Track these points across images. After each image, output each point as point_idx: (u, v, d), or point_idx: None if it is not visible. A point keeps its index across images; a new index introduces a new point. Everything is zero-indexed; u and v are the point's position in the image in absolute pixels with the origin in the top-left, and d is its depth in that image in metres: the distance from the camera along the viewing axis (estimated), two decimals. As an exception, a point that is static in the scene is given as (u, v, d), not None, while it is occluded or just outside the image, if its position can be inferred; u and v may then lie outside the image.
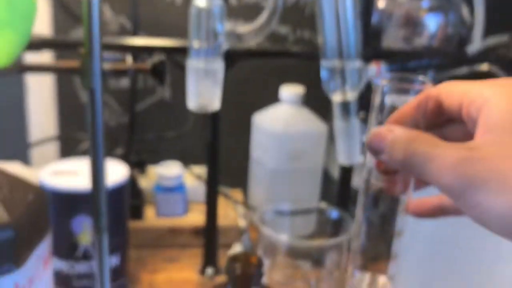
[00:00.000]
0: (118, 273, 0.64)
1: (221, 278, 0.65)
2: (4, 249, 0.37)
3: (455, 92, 0.30)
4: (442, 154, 0.27)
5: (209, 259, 0.73)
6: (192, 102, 0.41)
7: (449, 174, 0.26)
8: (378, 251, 0.40)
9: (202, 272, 0.73)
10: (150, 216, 0.81)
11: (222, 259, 0.75)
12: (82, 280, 0.61)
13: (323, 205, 0.65)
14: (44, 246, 0.42)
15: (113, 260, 0.63)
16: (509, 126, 0.26)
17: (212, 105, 0.41)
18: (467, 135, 0.29)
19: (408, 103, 0.32)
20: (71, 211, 0.59)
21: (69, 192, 0.58)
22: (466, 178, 0.26)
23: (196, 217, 0.82)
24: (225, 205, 0.87)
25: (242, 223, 0.82)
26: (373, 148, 0.31)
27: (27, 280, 0.40)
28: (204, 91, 0.39)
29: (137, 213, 0.79)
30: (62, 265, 0.61)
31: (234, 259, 0.43)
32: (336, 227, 0.65)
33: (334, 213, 0.64)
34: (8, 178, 0.42)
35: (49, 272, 0.43)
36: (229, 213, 0.84)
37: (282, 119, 0.79)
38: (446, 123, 0.32)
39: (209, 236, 0.73)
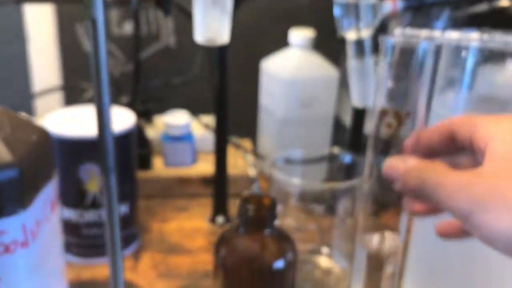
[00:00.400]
0: (127, 222, 0.63)
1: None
2: (9, 189, 0.36)
3: (466, 125, 0.33)
4: (451, 180, 0.30)
5: (219, 207, 0.72)
6: (199, 34, 0.38)
7: (457, 197, 0.29)
8: (389, 199, 0.38)
9: (212, 220, 0.72)
10: (159, 166, 0.80)
11: (232, 208, 0.74)
12: (92, 229, 0.60)
13: (336, 150, 0.63)
14: (51, 189, 0.41)
15: (122, 209, 0.62)
16: (511, 156, 0.29)
17: (221, 38, 0.38)
18: (478, 164, 0.31)
19: (427, 130, 0.35)
20: (78, 158, 0.57)
21: (75, 139, 0.56)
22: (472, 200, 0.28)
23: (205, 166, 0.81)
24: (234, 155, 0.86)
25: (252, 172, 0.80)
26: (387, 177, 0.35)
27: (35, 223, 0.39)
28: (212, 21, 0.37)
29: (145, 163, 0.78)
30: (71, 214, 0.60)
31: (246, 200, 0.42)
32: (349, 173, 0.63)
33: (347, 158, 0.62)
34: (10, 119, 0.40)
35: (56, 216, 0.42)
36: (239, 162, 0.83)
37: (291, 64, 0.77)
38: (459, 151, 0.35)
39: (219, 185, 0.71)
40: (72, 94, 0.88)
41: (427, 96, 0.37)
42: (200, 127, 0.84)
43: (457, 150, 0.35)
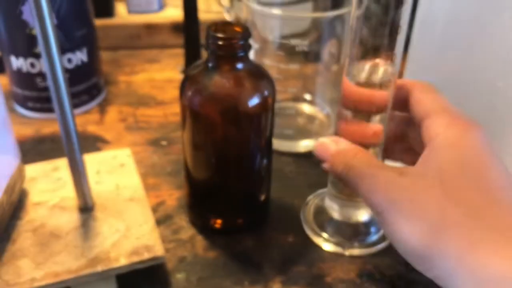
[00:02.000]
0: (88, 71, 0.56)
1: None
2: None
3: (423, 104, 0.33)
4: (374, 174, 0.30)
5: (192, 57, 0.65)
6: None
7: (376, 193, 0.30)
8: (378, 42, 0.32)
9: (185, 71, 0.66)
10: (122, 13, 0.71)
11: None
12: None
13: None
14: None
15: (79, 56, 0.55)
16: (439, 165, 0.29)
17: None
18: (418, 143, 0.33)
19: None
20: (19, -4, 0.49)
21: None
22: (388, 200, 0.29)
23: (174, 12, 0.72)
24: (207, -1, 0.76)
25: (228, 17, 0.72)
26: (317, 156, 0.35)
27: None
28: None
29: (106, 9, 0.69)
30: (21, 63, 0.53)
31: (214, 28, 0.35)
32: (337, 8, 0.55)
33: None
34: None
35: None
36: (212, 6, 0.74)
37: None
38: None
39: (190, 32, 0.64)
40: None
41: None
42: (166, -33, 0.74)
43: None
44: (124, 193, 0.42)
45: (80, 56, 0.54)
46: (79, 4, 0.53)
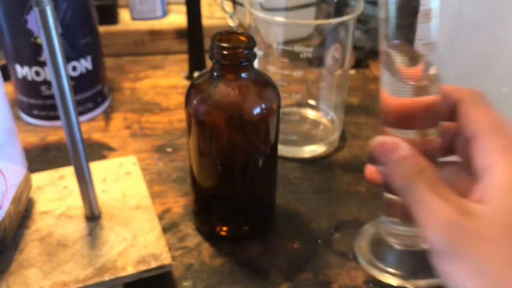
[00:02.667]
0: (92, 79, 0.57)
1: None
2: None
3: (472, 119, 0.29)
4: (436, 206, 0.26)
5: (197, 63, 0.65)
6: None
7: (435, 229, 0.26)
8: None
9: (190, 78, 0.66)
10: (126, 20, 0.72)
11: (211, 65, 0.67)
12: (52, 88, 0.54)
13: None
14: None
15: (84, 64, 0.55)
16: (505, 214, 0.26)
17: None
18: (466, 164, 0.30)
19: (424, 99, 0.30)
20: (23, 5, 0.49)
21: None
22: (447, 241, 0.26)
23: (178, 18, 0.72)
24: (210, 5, 0.77)
25: (231, 23, 0.72)
26: (376, 157, 0.30)
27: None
28: None
29: (110, 16, 0.69)
30: (26, 72, 0.53)
31: (219, 38, 0.35)
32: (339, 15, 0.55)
33: (336, -3, 0.54)
34: None
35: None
36: (215, 12, 0.74)
37: None
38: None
39: (194, 38, 0.64)
40: None
41: None
42: (170, -26, 0.74)
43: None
44: (131, 201, 0.42)
45: (84, 64, 0.55)
46: (83, 12, 0.53)
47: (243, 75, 0.36)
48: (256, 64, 0.37)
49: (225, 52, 0.34)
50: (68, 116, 0.35)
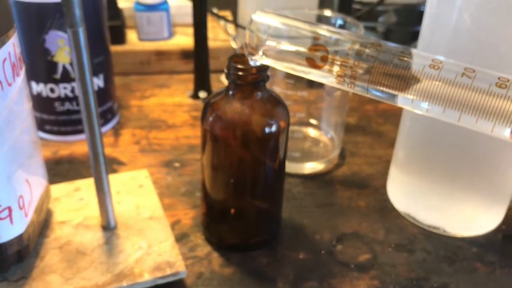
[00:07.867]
0: (103, 97, 0.59)
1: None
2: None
3: None
4: None
5: (201, 83, 0.68)
6: None
7: None
8: None
9: (195, 96, 0.68)
10: (133, 40, 0.74)
11: (215, 84, 0.70)
12: (65, 104, 0.56)
13: (327, 12, 0.58)
14: (8, 48, 0.35)
15: (96, 82, 0.57)
16: None
17: None
18: None
19: None
20: (42, 25, 0.52)
21: (38, 2, 0.50)
22: None
23: (183, 40, 0.75)
24: (214, 28, 0.80)
25: (234, 45, 0.75)
26: None
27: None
28: None
29: (119, 37, 0.72)
30: (41, 88, 0.55)
31: (236, 60, 0.38)
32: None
33: (338, 21, 0.57)
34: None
35: (20, 82, 0.37)
36: (219, 35, 0.78)
37: None
38: None
39: (199, 59, 0.67)
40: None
41: None
42: (176, -3, 0.78)
43: None
44: (144, 213, 0.44)
45: (97, 82, 0.57)
46: (98, 32, 0.56)
47: (256, 94, 0.38)
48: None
49: (240, 73, 0.37)
50: (92, 130, 0.37)
